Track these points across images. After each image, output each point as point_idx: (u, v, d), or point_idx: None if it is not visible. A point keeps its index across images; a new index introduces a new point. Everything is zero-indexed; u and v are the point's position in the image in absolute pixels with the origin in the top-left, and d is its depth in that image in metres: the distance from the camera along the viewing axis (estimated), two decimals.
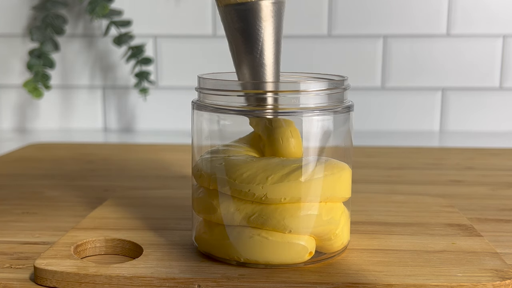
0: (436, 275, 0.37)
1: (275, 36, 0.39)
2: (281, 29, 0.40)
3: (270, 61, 0.39)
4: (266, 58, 0.39)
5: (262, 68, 0.39)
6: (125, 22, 0.91)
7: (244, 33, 0.39)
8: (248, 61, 0.39)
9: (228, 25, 0.39)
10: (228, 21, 0.39)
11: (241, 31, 0.39)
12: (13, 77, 0.98)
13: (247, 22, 0.38)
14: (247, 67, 0.39)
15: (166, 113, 0.98)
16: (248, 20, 0.38)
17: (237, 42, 0.39)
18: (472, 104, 0.96)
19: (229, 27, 0.39)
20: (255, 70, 0.39)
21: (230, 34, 0.40)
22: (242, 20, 0.38)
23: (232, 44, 0.40)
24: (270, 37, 0.39)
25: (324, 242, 0.39)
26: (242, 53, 0.39)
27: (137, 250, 0.42)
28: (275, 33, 0.39)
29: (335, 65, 0.95)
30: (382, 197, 0.55)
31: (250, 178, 0.37)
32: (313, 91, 0.38)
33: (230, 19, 0.39)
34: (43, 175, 0.67)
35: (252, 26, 0.38)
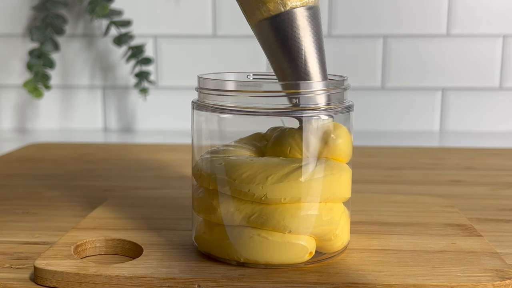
0: (436, 275, 0.37)
1: (316, 43, 0.38)
2: (321, 34, 0.38)
3: (315, 68, 0.38)
4: (310, 66, 0.38)
5: (308, 77, 0.38)
6: (125, 22, 0.91)
7: (284, 46, 0.37)
8: (293, 74, 0.38)
9: (265, 42, 0.38)
10: (264, 38, 0.38)
11: (280, 44, 0.37)
12: (13, 77, 0.98)
13: (284, 34, 0.37)
14: (293, 79, 0.38)
15: (166, 113, 0.98)
16: (286, 31, 0.37)
17: (278, 57, 0.38)
18: (472, 104, 0.96)
19: (268, 44, 0.38)
20: (301, 80, 0.38)
21: (269, 51, 0.38)
22: (279, 32, 0.37)
23: (273, 62, 0.39)
24: (311, 44, 0.38)
25: (324, 242, 0.39)
26: (286, 67, 0.38)
27: (137, 250, 0.42)
28: (316, 39, 0.38)
29: (335, 65, 0.95)
30: (382, 197, 0.55)
31: (250, 178, 0.37)
32: (313, 91, 0.38)
33: (265, 35, 0.37)
34: (43, 175, 0.67)
35: (291, 36, 0.37)
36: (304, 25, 0.37)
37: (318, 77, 0.38)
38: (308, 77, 0.38)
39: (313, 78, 0.38)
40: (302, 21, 0.37)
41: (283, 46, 0.37)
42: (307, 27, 0.37)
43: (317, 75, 0.38)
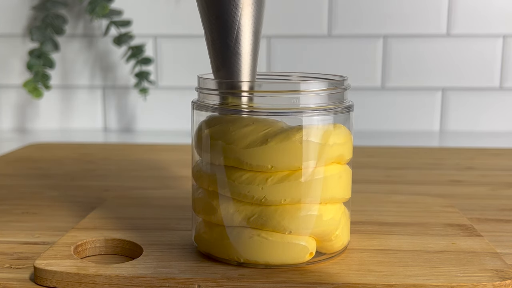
0: (436, 275, 0.37)
1: (253, 26, 0.38)
2: (261, 19, 0.38)
3: (246, 50, 0.38)
4: (241, 47, 0.37)
5: (236, 57, 0.37)
6: (125, 22, 0.91)
7: (219, 20, 0.37)
8: (222, 50, 0.38)
9: (203, 11, 0.38)
10: (204, 7, 0.38)
11: (215, 18, 0.37)
12: (13, 77, 0.98)
13: (222, 8, 0.37)
14: (221, 56, 0.38)
15: (166, 113, 0.98)
16: (224, 5, 0.37)
17: (212, 29, 0.38)
18: (472, 104, 0.96)
19: (204, 14, 0.38)
20: (229, 59, 0.38)
21: (205, 21, 0.38)
22: (216, 5, 0.37)
23: (207, 33, 0.39)
24: (247, 26, 0.37)
25: (324, 242, 0.39)
26: (217, 41, 0.38)
27: (137, 250, 0.42)
28: (253, 22, 0.38)
29: (335, 65, 0.95)
30: (382, 197, 0.55)
31: (250, 179, 0.37)
32: (313, 91, 0.38)
33: (205, 4, 0.38)
34: (43, 175, 0.67)
35: (227, 12, 0.37)
36: (244, 6, 0.37)
37: (247, 59, 0.38)
38: (235, 57, 0.38)
39: (240, 59, 0.38)
40: (243, 1, 0.37)
41: (219, 20, 0.37)
42: (247, 9, 0.37)
43: (247, 57, 0.38)
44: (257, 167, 0.37)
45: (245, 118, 0.38)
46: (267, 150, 0.37)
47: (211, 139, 0.38)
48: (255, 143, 0.37)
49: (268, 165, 0.37)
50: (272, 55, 0.95)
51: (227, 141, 0.37)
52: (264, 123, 0.37)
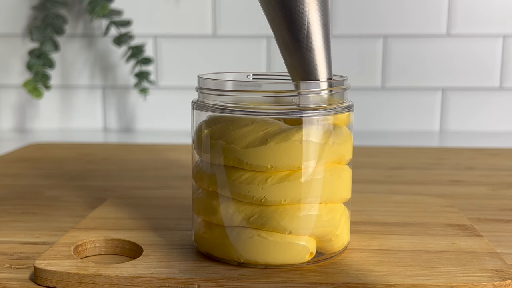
0: (436, 275, 0.37)
1: (321, 19, 0.37)
2: (327, 10, 0.38)
3: (319, 45, 0.37)
4: (314, 42, 0.37)
5: (311, 53, 0.37)
6: (125, 22, 0.91)
7: (288, 19, 0.37)
8: (295, 49, 0.37)
9: (271, 16, 0.38)
10: (271, 11, 0.38)
11: (284, 18, 0.37)
12: (13, 77, 0.98)
13: (289, 7, 0.37)
14: (295, 55, 0.37)
15: (166, 113, 0.98)
16: (290, 4, 0.37)
17: (282, 31, 0.37)
18: (472, 104, 0.96)
19: (273, 18, 0.38)
20: (303, 56, 0.37)
21: (274, 25, 0.38)
22: (284, 5, 0.37)
23: (278, 36, 0.38)
24: (316, 20, 0.37)
25: (324, 243, 0.39)
26: (289, 42, 0.37)
27: (137, 250, 0.42)
28: (321, 15, 0.37)
29: (335, 65, 0.95)
30: (382, 197, 0.55)
31: (250, 179, 0.37)
32: (313, 91, 0.38)
33: (272, 8, 0.37)
34: (43, 175, 0.67)
35: (295, 10, 0.36)
36: (310, 0, 0.37)
37: (321, 53, 0.37)
38: (310, 53, 0.37)
39: (315, 54, 0.37)
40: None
41: (287, 20, 0.37)
42: (313, 3, 0.37)
43: (320, 51, 0.37)
44: (257, 167, 0.37)
45: (244, 118, 0.38)
46: (267, 150, 0.37)
47: (211, 139, 0.38)
48: (255, 143, 0.37)
49: (268, 165, 0.37)
50: (272, 55, 0.95)
51: (227, 141, 0.37)
52: (264, 123, 0.37)
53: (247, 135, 0.37)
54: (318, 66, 0.38)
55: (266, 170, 0.37)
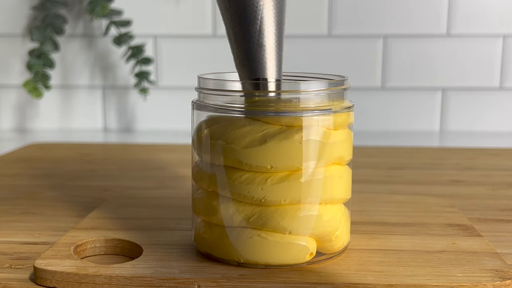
0: (436, 275, 0.37)
1: (276, 16, 0.36)
2: (283, 10, 0.37)
3: (271, 42, 0.36)
4: (265, 39, 0.36)
5: (261, 50, 0.36)
6: (125, 22, 0.91)
7: (241, 10, 0.36)
8: (245, 43, 0.36)
9: (224, 7, 0.37)
10: (225, 2, 0.37)
11: (237, 9, 0.36)
12: (13, 77, 0.98)
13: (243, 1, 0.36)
14: (245, 49, 0.36)
15: (166, 113, 0.98)
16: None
17: (234, 22, 0.37)
18: (472, 104, 0.96)
19: (225, 9, 0.37)
20: (253, 52, 0.36)
21: (227, 17, 0.37)
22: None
23: (229, 28, 0.37)
24: (270, 17, 0.36)
25: (324, 243, 0.39)
26: (239, 35, 0.37)
27: (137, 250, 0.42)
28: (276, 12, 0.36)
29: (335, 65, 0.95)
30: (382, 197, 0.55)
31: (250, 179, 0.37)
32: (313, 91, 0.38)
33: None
34: (43, 175, 0.67)
35: (249, 1, 0.36)
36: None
37: (272, 51, 0.36)
38: (260, 49, 0.36)
39: (265, 51, 0.36)
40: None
41: (241, 12, 0.36)
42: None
43: (271, 49, 0.36)
44: (256, 167, 0.37)
45: (244, 118, 0.38)
46: (267, 150, 0.37)
47: (211, 139, 0.38)
48: (254, 143, 0.37)
49: (268, 165, 0.37)
50: None
51: (226, 141, 0.37)
52: (263, 123, 0.37)
53: (247, 135, 0.37)
54: (268, 64, 0.37)
55: (265, 171, 0.37)
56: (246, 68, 0.38)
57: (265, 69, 0.37)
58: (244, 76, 0.38)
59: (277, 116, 0.37)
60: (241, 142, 0.37)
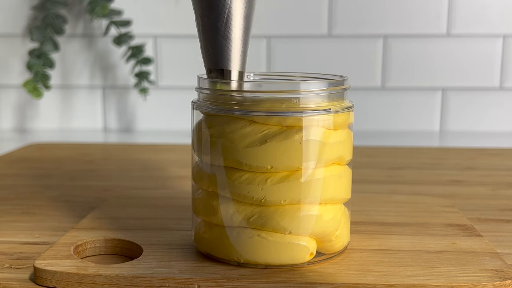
0: (436, 275, 0.37)
1: (244, 10, 0.37)
2: (253, 4, 0.38)
3: (237, 36, 0.37)
4: (232, 32, 0.37)
5: (226, 42, 0.37)
6: (125, 22, 0.91)
7: (210, 3, 0.37)
8: (212, 34, 0.37)
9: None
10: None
11: (206, 1, 0.37)
12: (13, 77, 0.98)
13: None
14: (211, 40, 0.37)
15: (166, 113, 0.98)
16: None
17: (203, 13, 0.37)
18: (472, 104, 0.96)
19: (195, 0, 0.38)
20: (219, 44, 0.37)
21: (196, 5, 0.38)
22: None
23: (198, 17, 0.38)
24: (238, 10, 0.37)
25: (324, 243, 0.39)
26: (207, 25, 0.37)
27: (137, 250, 0.42)
28: (245, 7, 0.37)
29: (335, 65, 0.95)
30: (382, 197, 0.55)
31: (250, 179, 0.37)
32: (313, 91, 0.38)
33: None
34: (43, 175, 0.67)
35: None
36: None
37: (238, 44, 0.37)
38: (225, 41, 0.37)
39: (231, 44, 0.37)
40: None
41: (210, 3, 0.37)
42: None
43: (237, 42, 0.37)
44: (256, 167, 0.37)
45: (244, 118, 0.38)
46: (267, 150, 0.37)
47: (211, 140, 0.38)
48: (254, 144, 0.37)
49: (268, 165, 0.37)
50: (272, 55, 0.95)
51: (226, 142, 0.37)
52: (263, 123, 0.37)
53: (247, 135, 0.37)
54: (232, 56, 0.38)
55: (266, 171, 0.37)
56: (210, 58, 0.38)
57: (229, 61, 0.38)
58: (208, 65, 0.39)
59: (277, 116, 0.37)
60: (241, 143, 0.37)
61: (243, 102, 0.38)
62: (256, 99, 0.38)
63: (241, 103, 0.38)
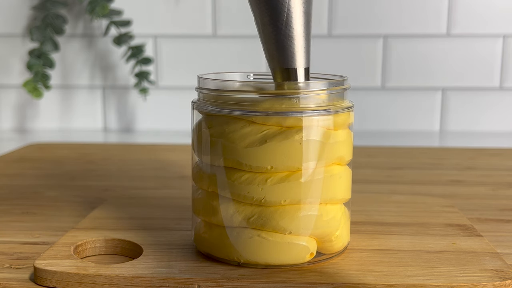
0: (436, 275, 0.37)
1: (303, 6, 0.37)
2: (310, 2, 0.38)
3: (299, 33, 0.37)
4: (293, 30, 0.37)
5: (288, 41, 0.37)
6: (125, 22, 0.91)
7: (268, 3, 0.37)
8: (273, 34, 0.37)
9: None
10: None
11: (264, 1, 0.37)
12: (13, 77, 0.98)
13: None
14: (273, 40, 0.37)
15: (166, 113, 0.98)
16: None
17: (262, 14, 0.37)
18: (472, 104, 0.96)
19: (254, 2, 0.38)
20: (281, 43, 0.37)
21: (255, 7, 0.38)
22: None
23: (257, 18, 0.38)
24: (297, 7, 0.37)
25: (324, 243, 0.39)
26: (267, 25, 0.37)
27: (137, 250, 0.42)
28: (304, 2, 0.37)
29: (335, 65, 0.95)
30: (382, 197, 0.55)
31: (250, 179, 0.37)
32: (313, 91, 0.38)
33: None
34: (43, 175, 0.67)
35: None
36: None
37: (300, 42, 0.37)
38: (287, 40, 0.37)
39: (293, 42, 0.37)
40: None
41: (268, 3, 0.36)
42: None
43: (300, 40, 0.37)
44: (256, 168, 0.37)
45: (244, 118, 0.38)
46: (267, 150, 0.37)
47: (210, 140, 0.38)
48: (254, 144, 0.37)
49: (268, 165, 0.37)
50: None
51: (226, 142, 0.37)
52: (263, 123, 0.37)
53: (247, 135, 0.37)
54: (296, 54, 0.38)
55: (266, 171, 0.37)
56: (274, 59, 0.38)
57: (294, 59, 0.38)
58: (274, 66, 0.39)
59: (276, 116, 0.37)
60: (241, 143, 0.37)
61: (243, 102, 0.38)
62: (256, 99, 0.38)
63: (241, 103, 0.38)
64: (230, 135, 0.37)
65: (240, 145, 0.37)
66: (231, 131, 0.37)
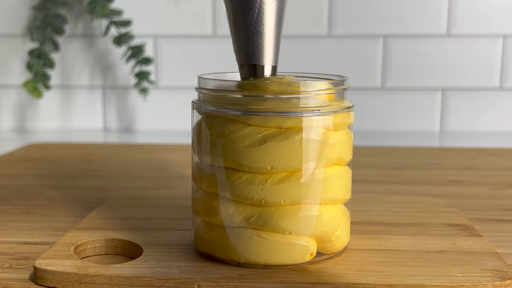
0: (436, 275, 0.37)
1: (276, 4, 0.37)
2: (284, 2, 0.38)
3: (269, 30, 0.37)
4: (263, 27, 0.37)
5: (258, 38, 0.37)
6: (125, 22, 0.91)
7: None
8: (243, 29, 0.37)
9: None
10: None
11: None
12: (13, 77, 0.98)
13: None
14: (242, 35, 0.37)
15: (166, 113, 0.98)
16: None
17: (234, 7, 0.37)
18: (472, 104, 0.96)
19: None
20: (250, 39, 0.37)
21: (227, 2, 0.38)
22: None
23: (229, 11, 0.38)
24: (269, 4, 0.37)
25: (324, 243, 0.39)
26: (238, 19, 0.37)
27: (137, 250, 0.42)
28: (276, 1, 0.37)
29: (335, 65, 0.95)
30: (382, 197, 0.55)
31: (250, 180, 0.37)
32: (313, 91, 0.38)
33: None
34: (43, 175, 0.67)
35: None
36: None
37: (270, 39, 0.37)
38: (257, 37, 0.37)
39: (263, 39, 0.37)
40: None
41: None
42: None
43: (269, 37, 0.37)
44: (256, 168, 0.37)
45: (244, 118, 0.37)
46: (266, 150, 0.37)
47: (210, 140, 0.38)
48: (254, 144, 0.37)
49: (268, 166, 0.37)
50: None
51: (226, 142, 0.37)
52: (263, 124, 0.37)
53: (246, 136, 0.37)
54: (264, 51, 0.38)
55: (265, 172, 0.37)
56: (243, 54, 0.38)
57: (262, 56, 0.38)
58: (242, 61, 0.39)
59: (276, 116, 0.37)
60: (241, 143, 0.37)
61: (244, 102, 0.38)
62: (256, 99, 0.37)
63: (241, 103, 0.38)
64: (229, 136, 0.37)
65: (240, 146, 0.37)
66: (231, 131, 0.37)
